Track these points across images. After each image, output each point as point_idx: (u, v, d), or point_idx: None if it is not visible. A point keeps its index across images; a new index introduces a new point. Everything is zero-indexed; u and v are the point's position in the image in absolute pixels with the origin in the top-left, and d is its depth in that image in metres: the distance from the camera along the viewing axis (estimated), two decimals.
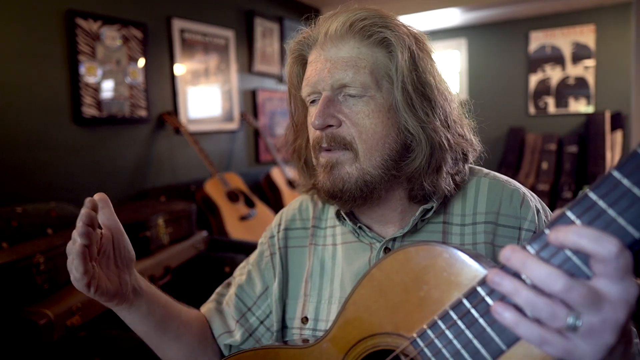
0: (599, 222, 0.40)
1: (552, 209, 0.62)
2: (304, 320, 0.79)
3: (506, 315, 0.42)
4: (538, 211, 0.72)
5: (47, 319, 1.38)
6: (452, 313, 0.49)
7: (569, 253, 0.42)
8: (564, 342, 0.41)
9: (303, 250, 0.84)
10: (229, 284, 0.93)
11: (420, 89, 0.69)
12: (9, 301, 1.39)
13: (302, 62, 0.77)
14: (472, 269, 0.52)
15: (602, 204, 0.40)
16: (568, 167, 4.70)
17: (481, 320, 0.47)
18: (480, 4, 4.19)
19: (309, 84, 0.72)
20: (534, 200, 0.74)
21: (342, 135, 0.69)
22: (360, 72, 0.68)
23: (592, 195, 0.41)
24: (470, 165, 0.78)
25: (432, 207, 0.72)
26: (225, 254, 2.40)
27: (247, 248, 2.48)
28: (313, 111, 0.73)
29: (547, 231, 0.42)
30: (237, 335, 0.84)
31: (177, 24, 3.06)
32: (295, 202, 0.91)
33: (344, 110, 0.69)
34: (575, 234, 0.39)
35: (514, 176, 4.89)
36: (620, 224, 0.39)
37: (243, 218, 2.97)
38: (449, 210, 0.75)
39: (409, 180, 0.72)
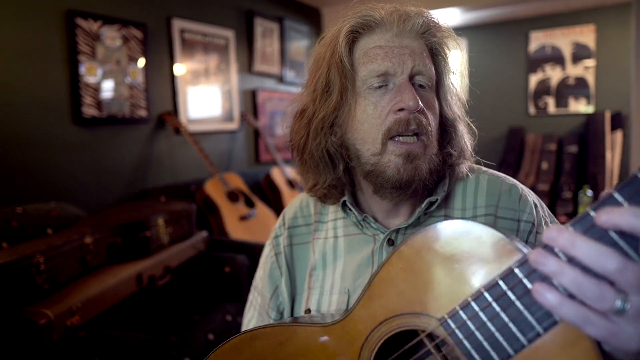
0: None
1: (552, 209, 0.63)
2: (307, 312, 0.80)
3: (549, 296, 0.41)
4: (536, 205, 0.76)
5: (47, 319, 1.38)
6: (486, 295, 0.47)
7: (615, 236, 0.40)
8: (610, 325, 0.40)
9: (307, 246, 0.86)
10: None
11: (459, 89, 0.80)
12: (9, 301, 1.39)
13: (351, 43, 0.74)
14: (507, 248, 0.50)
15: None
16: (568, 167, 4.70)
17: (518, 303, 0.45)
18: (480, 4, 4.19)
19: (383, 64, 0.71)
20: (531, 195, 0.78)
21: (425, 122, 0.71)
22: (430, 66, 0.74)
23: None
24: (468, 163, 0.82)
25: (437, 200, 0.75)
26: (225, 254, 2.40)
27: (247, 248, 2.48)
28: (378, 96, 0.71)
29: (592, 213, 0.41)
30: None
31: (177, 24, 3.06)
32: (296, 200, 0.92)
33: (420, 98, 0.71)
34: (631, 215, 0.38)
35: (514, 176, 4.87)
36: None
37: (243, 218, 2.97)
38: (450, 204, 0.78)
39: (437, 164, 0.76)
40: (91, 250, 1.74)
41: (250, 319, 0.92)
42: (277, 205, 3.48)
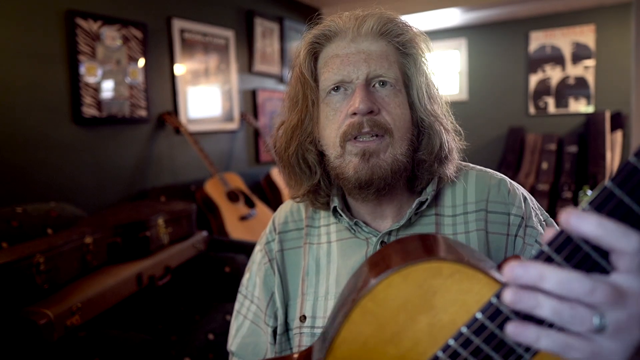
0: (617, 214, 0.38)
1: (552, 209, 0.63)
2: (302, 318, 0.80)
3: (527, 334, 0.40)
4: (525, 199, 0.78)
5: (47, 319, 1.38)
6: (466, 331, 0.46)
7: (586, 248, 0.39)
8: (591, 345, 0.39)
9: (298, 251, 0.85)
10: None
11: (430, 86, 0.77)
12: (9, 301, 1.39)
13: (314, 56, 0.78)
14: (482, 282, 0.48)
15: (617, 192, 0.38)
16: (568, 167, 4.70)
17: (498, 333, 0.44)
18: (480, 4, 4.19)
19: (339, 73, 0.73)
20: (520, 189, 0.79)
21: (382, 122, 0.72)
22: (392, 67, 0.74)
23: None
24: (455, 160, 0.83)
25: (427, 200, 0.76)
26: (225, 254, 2.40)
27: (247, 248, 2.48)
28: (337, 102, 0.74)
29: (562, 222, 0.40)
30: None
31: (177, 24, 3.06)
32: (286, 205, 0.91)
33: (378, 99, 0.73)
34: (600, 227, 0.38)
35: (514, 176, 4.88)
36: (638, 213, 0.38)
37: (243, 218, 2.97)
38: (440, 202, 0.79)
39: (418, 166, 0.76)
40: (91, 250, 1.74)
41: (240, 328, 0.88)
42: (277, 205, 3.48)
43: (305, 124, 0.79)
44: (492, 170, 0.82)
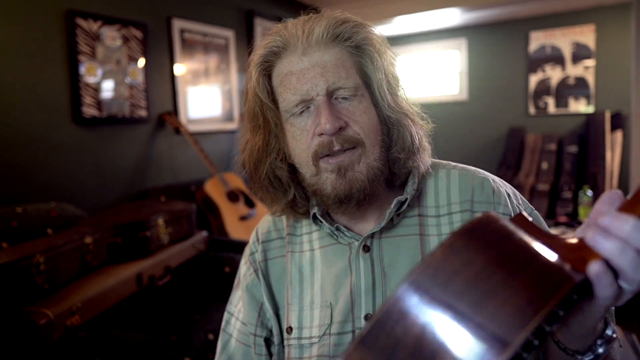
0: None
1: (552, 209, 0.63)
2: (289, 330, 0.78)
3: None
4: (509, 195, 0.77)
5: (47, 319, 1.38)
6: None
7: None
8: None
9: (282, 260, 0.84)
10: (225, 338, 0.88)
11: (391, 81, 0.75)
12: (9, 301, 1.39)
13: (267, 74, 0.75)
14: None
15: None
16: (568, 167, 4.70)
17: None
18: (480, 4, 4.19)
19: (297, 92, 0.70)
20: (503, 186, 0.78)
21: (351, 135, 0.70)
22: (350, 73, 0.71)
23: None
24: (437, 160, 0.83)
25: (406, 199, 0.74)
26: (225, 254, 2.40)
27: None
28: (302, 121, 0.72)
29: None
30: None
31: (177, 24, 3.06)
32: (268, 215, 0.90)
33: (343, 111, 0.71)
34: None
35: (514, 176, 4.89)
36: None
37: (243, 218, 2.97)
38: (423, 203, 0.78)
39: (394, 163, 0.75)
40: (91, 250, 1.74)
41: (225, 345, 0.87)
42: None
43: (272, 145, 0.77)
44: (474, 168, 0.80)
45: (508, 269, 0.38)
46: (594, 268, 0.39)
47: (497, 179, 0.79)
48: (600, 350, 0.54)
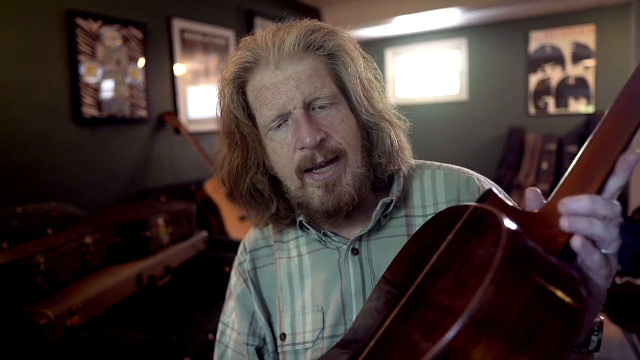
0: None
1: None
2: (282, 337, 0.78)
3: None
4: None
5: (47, 319, 1.38)
6: None
7: None
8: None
9: (272, 267, 0.84)
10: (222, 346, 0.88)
11: (367, 86, 0.75)
12: (9, 301, 1.39)
13: (241, 90, 0.73)
14: None
15: None
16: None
17: None
18: (480, 4, 4.19)
19: (274, 107, 0.69)
20: (487, 183, 0.78)
21: (333, 146, 0.70)
22: (325, 82, 0.70)
23: None
24: (421, 160, 0.83)
25: (392, 201, 0.74)
26: (225, 254, 2.40)
27: None
28: (281, 135, 0.71)
29: None
30: None
31: (177, 24, 3.06)
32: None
33: (322, 122, 0.70)
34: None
35: (514, 176, 4.89)
36: None
37: (243, 218, 2.97)
38: (410, 203, 0.78)
39: (377, 167, 0.75)
40: (91, 250, 1.74)
41: (222, 357, 0.86)
42: None
43: (251, 160, 0.76)
44: (458, 167, 0.80)
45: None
46: (577, 241, 0.46)
47: (481, 177, 0.79)
48: (600, 336, 0.57)
